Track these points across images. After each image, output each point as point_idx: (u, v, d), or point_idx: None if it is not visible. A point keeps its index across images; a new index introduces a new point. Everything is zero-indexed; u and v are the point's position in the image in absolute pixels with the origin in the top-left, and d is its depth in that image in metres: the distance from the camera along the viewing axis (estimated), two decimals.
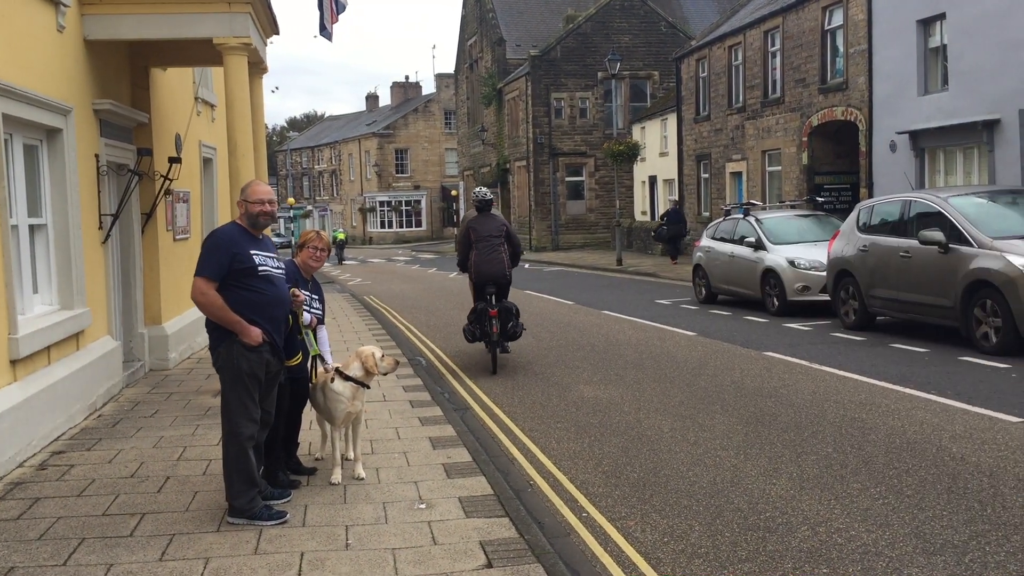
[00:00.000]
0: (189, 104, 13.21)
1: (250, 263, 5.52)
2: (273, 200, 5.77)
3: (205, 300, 5.45)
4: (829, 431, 7.54)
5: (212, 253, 5.51)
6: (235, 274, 5.48)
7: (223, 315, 5.45)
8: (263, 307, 5.56)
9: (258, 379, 5.54)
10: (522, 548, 5.02)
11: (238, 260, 5.48)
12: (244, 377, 5.47)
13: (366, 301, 21.59)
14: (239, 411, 5.49)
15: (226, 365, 5.51)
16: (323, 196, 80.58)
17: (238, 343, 5.46)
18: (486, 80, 50.32)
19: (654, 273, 26.11)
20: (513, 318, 11.22)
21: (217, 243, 5.56)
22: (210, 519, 5.59)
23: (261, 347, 5.52)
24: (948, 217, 11.58)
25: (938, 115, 19.07)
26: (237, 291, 5.48)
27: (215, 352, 5.60)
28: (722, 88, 29.51)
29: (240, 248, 5.52)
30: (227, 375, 5.52)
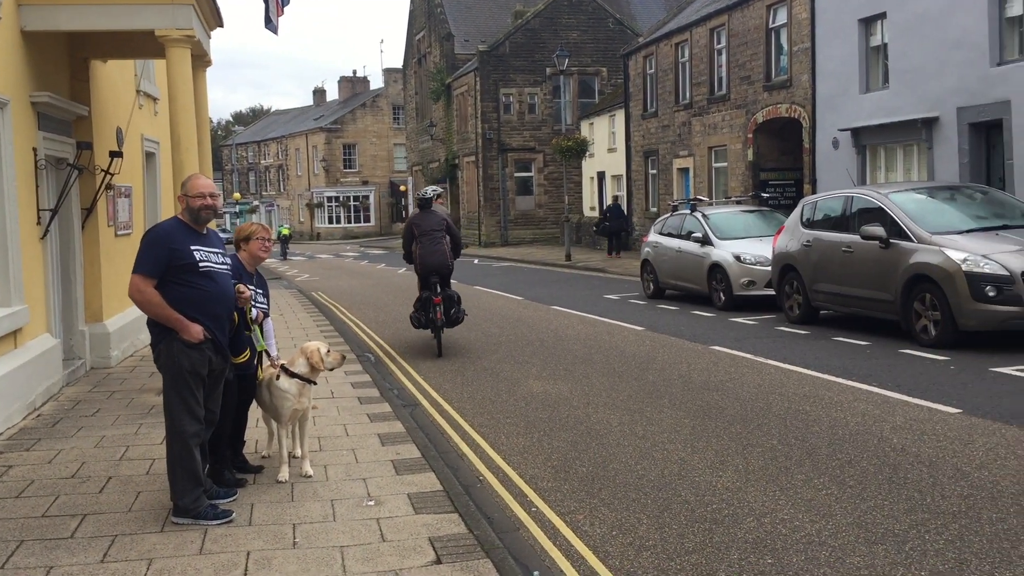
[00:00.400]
0: (131, 97, 12.95)
1: (190, 259, 5.41)
2: (215, 194, 5.67)
3: (142, 298, 5.36)
4: (774, 423, 7.65)
5: (149, 249, 5.40)
6: (174, 270, 5.37)
7: (161, 312, 5.35)
8: (204, 304, 5.46)
9: (200, 377, 5.45)
10: (471, 544, 5.01)
11: (177, 256, 5.38)
12: (186, 375, 5.38)
13: (314, 297, 21.39)
14: (182, 409, 5.40)
15: (167, 363, 5.42)
16: (269, 191, 79.64)
17: (179, 340, 5.37)
18: (435, 75, 50.15)
19: (603, 268, 26.26)
20: (456, 305, 12.20)
21: (155, 239, 5.44)
22: (154, 519, 5.50)
23: (203, 344, 5.42)
24: (888, 213, 11.82)
25: (879, 113, 19.46)
26: (177, 287, 5.37)
27: (156, 350, 5.50)
28: (669, 85, 29.76)
29: (179, 244, 5.41)
30: (169, 373, 5.43)
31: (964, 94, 17.12)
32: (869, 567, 4.65)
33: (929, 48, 17.91)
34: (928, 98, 17.99)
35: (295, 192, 74.70)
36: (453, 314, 12.11)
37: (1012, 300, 10.21)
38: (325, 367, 6.41)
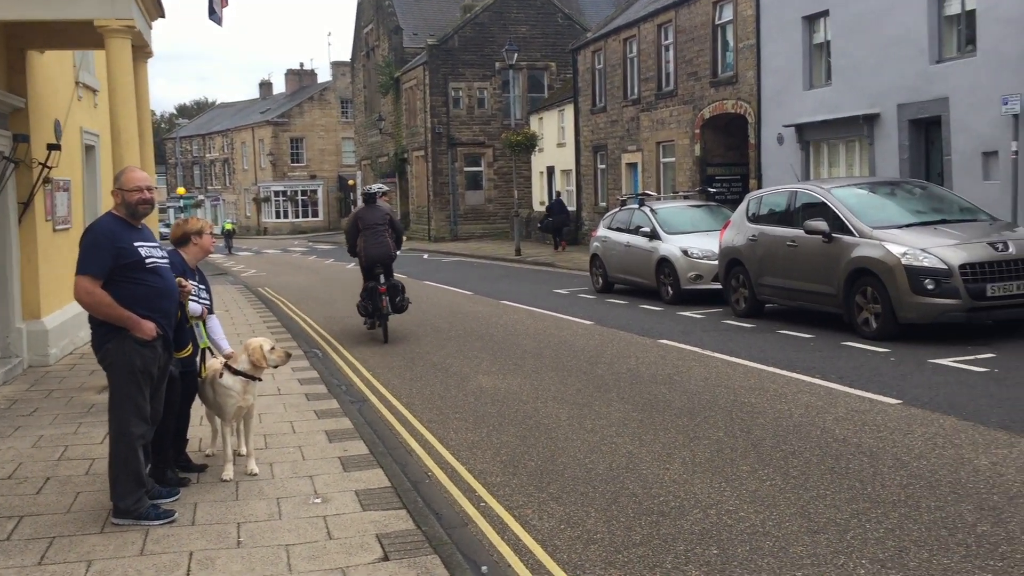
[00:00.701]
0: (70, 89, 12.66)
1: (136, 256, 5.31)
2: (152, 187, 5.55)
3: (91, 299, 5.21)
4: (720, 416, 7.74)
5: (94, 250, 5.25)
6: (121, 269, 5.25)
7: (112, 312, 5.22)
8: (153, 300, 5.37)
9: (151, 375, 5.37)
10: (419, 540, 4.99)
11: (123, 255, 5.26)
12: (137, 374, 5.28)
13: (261, 293, 21.14)
14: (131, 410, 5.29)
15: (117, 362, 5.29)
16: (215, 185, 78.49)
17: (131, 338, 5.26)
18: (383, 69, 49.83)
19: (552, 263, 26.34)
20: (400, 293, 13.01)
21: (97, 239, 5.29)
22: (93, 520, 5.38)
23: (155, 341, 5.34)
24: (831, 208, 12.01)
25: (822, 109, 19.78)
26: (125, 286, 5.26)
27: (102, 349, 5.36)
28: (617, 80, 29.92)
29: (123, 241, 5.29)
30: (119, 372, 5.30)
31: (904, 91, 17.47)
32: (812, 556, 4.73)
33: (870, 46, 18.24)
34: (869, 95, 18.32)
35: (241, 186, 73.71)
36: (399, 302, 12.91)
37: (950, 293, 10.45)
38: (268, 364, 6.33)
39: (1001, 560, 4.56)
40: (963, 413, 7.40)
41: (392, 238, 12.79)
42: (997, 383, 8.45)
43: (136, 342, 5.26)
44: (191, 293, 6.00)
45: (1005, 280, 10.51)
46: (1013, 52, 15.13)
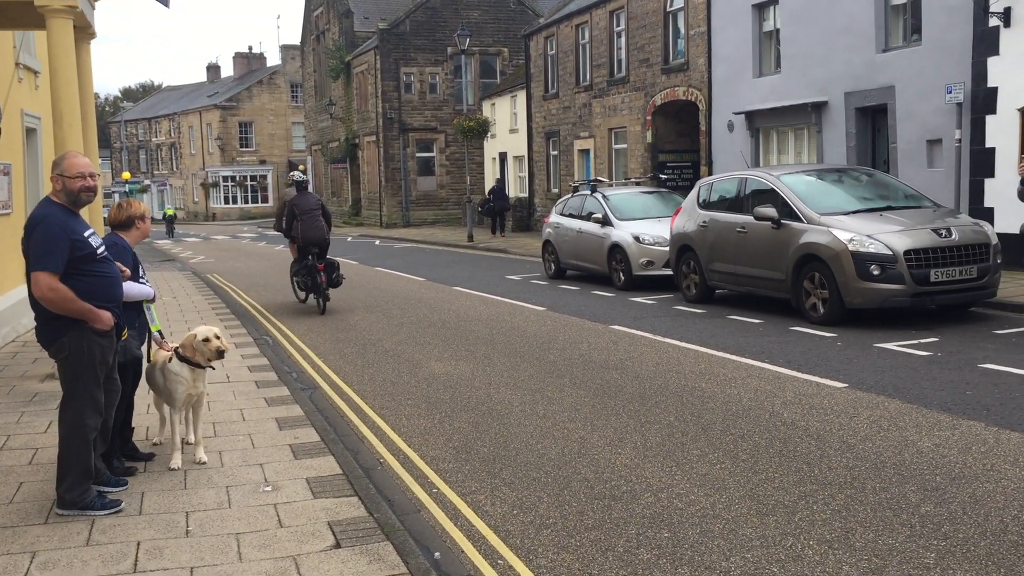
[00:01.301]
0: (9, 70, 12.31)
1: (89, 247, 5.20)
2: (94, 173, 5.41)
3: (56, 296, 5.05)
4: (671, 400, 7.81)
5: (51, 243, 5.06)
6: (75, 261, 5.12)
7: (75, 306, 5.09)
8: (108, 289, 5.30)
9: (106, 365, 5.31)
10: (371, 527, 4.97)
11: (78, 247, 5.14)
12: (96, 365, 5.20)
13: (209, 279, 20.85)
14: (87, 403, 5.19)
15: (75, 354, 5.17)
16: (161, 170, 77.13)
17: (88, 330, 5.15)
18: (333, 53, 49.27)
19: (504, 249, 26.34)
20: (336, 270, 14.43)
21: (52, 232, 5.09)
22: (37, 511, 5.27)
23: (111, 330, 5.29)
24: (780, 194, 12.15)
25: (771, 96, 19.99)
26: (82, 278, 5.13)
27: (57, 343, 5.21)
28: (570, 66, 29.95)
29: (76, 233, 5.17)
30: (78, 365, 5.17)
31: (851, 79, 17.72)
32: (760, 538, 4.79)
33: (818, 34, 18.47)
34: (817, 83, 18.56)
35: (189, 171, 72.53)
36: (335, 278, 14.38)
37: (894, 278, 10.65)
38: (198, 355, 6.14)
39: (944, 540, 4.67)
40: (907, 396, 7.55)
41: (326, 221, 14.31)
42: (940, 367, 8.64)
43: (96, 333, 5.18)
44: (128, 277, 5.83)
45: (948, 266, 10.74)
46: (957, 41, 15.43)
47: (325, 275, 14.11)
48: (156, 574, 4.40)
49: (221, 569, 4.44)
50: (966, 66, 15.22)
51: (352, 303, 15.51)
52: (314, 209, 14.25)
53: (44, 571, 4.44)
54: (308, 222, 14.09)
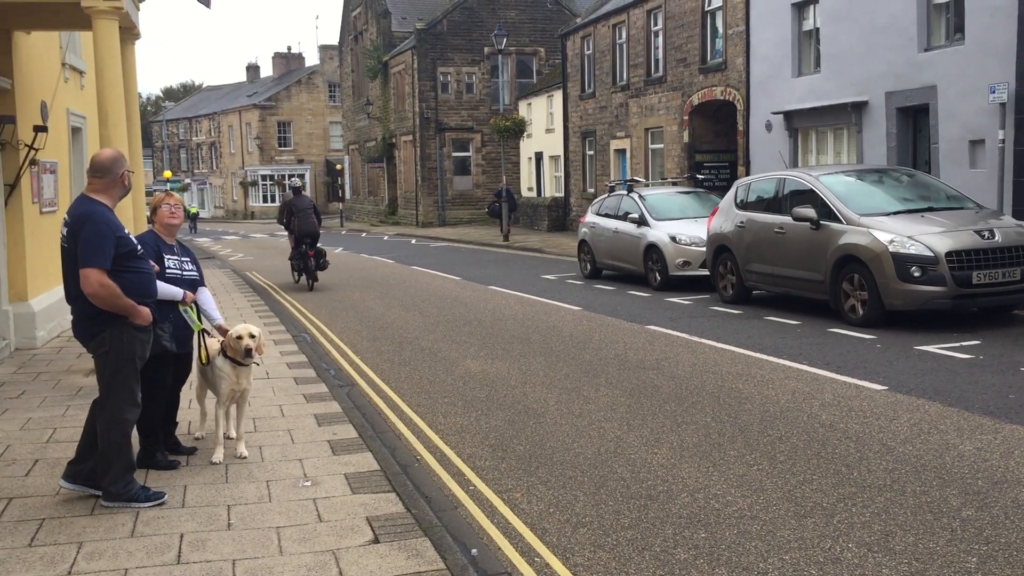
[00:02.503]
0: (56, 70, 12.55)
1: (132, 244, 5.34)
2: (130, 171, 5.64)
3: (107, 292, 5.16)
4: (707, 401, 7.78)
5: (100, 240, 5.16)
6: (119, 258, 5.24)
7: (120, 303, 5.21)
8: (146, 286, 5.43)
9: (144, 360, 5.42)
10: (409, 523, 5.01)
11: (123, 243, 5.27)
12: (136, 360, 5.33)
13: (248, 277, 21.08)
14: (125, 397, 5.30)
15: (116, 349, 5.27)
16: (202, 169, 78.04)
17: (128, 325, 5.26)
18: (371, 53, 49.54)
19: (540, 248, 26.35)
20: (323, 256, 18.06)
21: (101, 229, 5.21)
22: (83, 503, 5.38)
23: (150, 326, 5.41)
24: (819, 195, 12.05)
25: (810, 96, 19.81)
26: (123, 275, 5.25)
27: (97, 338, 5.31)
28: (606, 66, 29.88)
29: (120, 230, 5.31)
30: (116, 360, 5.28)
31: (892, 79, 17.51)
32: (798, 540, 4.77)
33: (859, 33, 18.27)
34: (858, 82, 18.36)
35: (228, 170, 73.33)
36: (322, 262, 17.95)
37: (936, 280, 10.52)
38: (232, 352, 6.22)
39: (985, 544, 4.62)
40: (948, 399, 7.47)
41: (316, 218, 18.17)
42: (982, 369, 8.53)
43: (135, 328, 5.29)
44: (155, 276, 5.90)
45: (991, 268, 10.58)
46: (1001, 40, 15.19)
47: (314, 260, 17.76)
48: (199, 566, 4.48)
49: (262, 562, 4.51)
50: (1010, 66, 14.97)
51: (389, 301, 15.61)
52: (308, 209, 18.15)
53: (90, 561, 4.54)
54: (303, 219, 17.90)
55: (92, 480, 5.48)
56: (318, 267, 17.91)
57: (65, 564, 4.50)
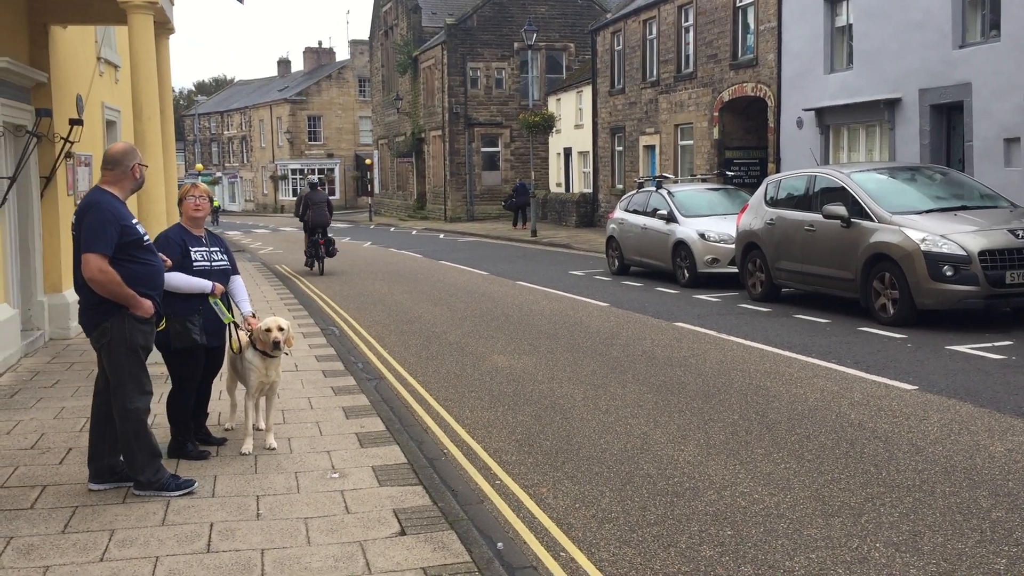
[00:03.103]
0: (91, 64, 12.71)
1: (137, 234, 5.33)
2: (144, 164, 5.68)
3: (105, 278, 5.18)
4: (735, 399, 7.76)
5: (102, 226, 5.19)
6: (123, 247, 5.24)
7: (119, 291, 5.21)
8: (151, 278, 5.42)
9: (149, 350, 5.44)
10: (436, 515, 5.05)
11: (127, 232, 5.27)
12: (139, 351, 5.34)
13: (278, 270, 21.25)
14: (134, 387, 5.33)
15: (118, 340, 5.29)
16: (233, 163, 78.65)
17: (130, 316, 5.27)
18: (401, 48, 49.68)
19: (568, 244, 26.33)
20: (332, 245, 20.37)
21: (105, 216, 5.22)
22: (115, 491, 5.46)
23: (152, 318, 5.40)
24: (851, 192, 11.95)
25: (843, 93, 19.63)
26: (127, 264, 5.25)
27: (98, 328, 5.33)
28: (636, 62, 29.77)
29: (126, 219, 5.31)
30: (119, 350, 5.30)
31: (926, 76, 17.32)
32: (825, 539, 4.75)
33: (892, 29, 18.08)
34: (891, 79, 18.17)
35: (259, 164, 73.85)
36: (331, 249, 20.29)
37: (968, 280, 10.40)
38: (260, 344, 6.27)
39: (1016, 546, 4.58)
40: (979, 400, 7.39)
41: (328, 212, 20.42)
42: (1014, 370, 8.43)
43: (136, 319, 5.29)
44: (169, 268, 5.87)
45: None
46: None
47: (324, 248, 20.12)
48: (228, 555, 4.54)
49: (290, 552, 4.56)
50: None
51: (417, 296, 15.68)
52: (322, 203, 20.40)
53: (122, 549, 4.61)
54: (317, 211, 20.23)
55: (116, 474, 5.54)
56: (328, 254, 20.23)
57: (97, 551, 4.58)
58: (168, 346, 6.06)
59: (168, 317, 5.95)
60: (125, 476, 5.54)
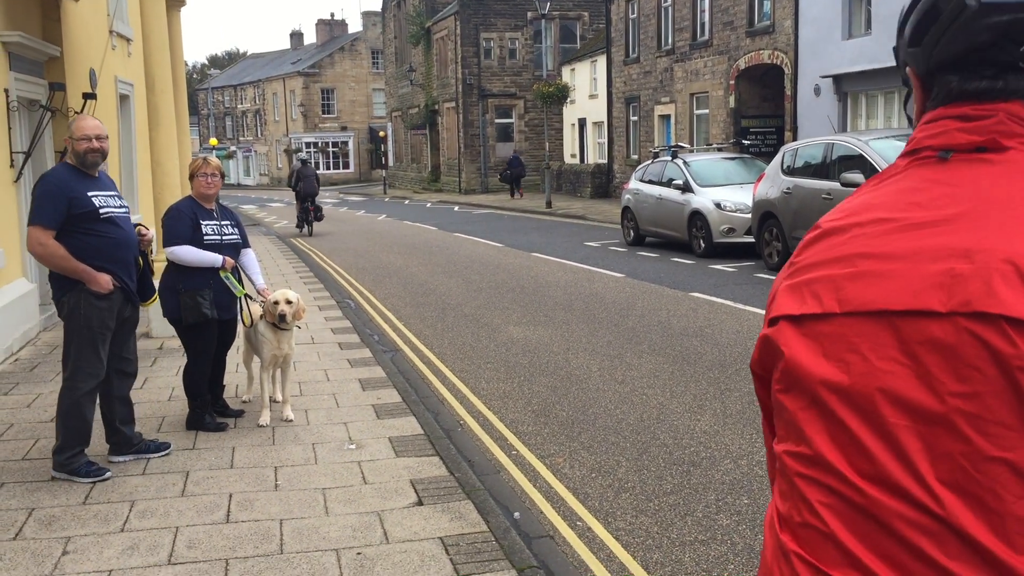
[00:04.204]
0: (104, 38, 12.67)
1: (90, 206, 5.10)
2: (102, 135, 5.25)
3: (44, 251, 5.02)
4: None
5: (46, 199, 5.02)
6: (74, 219, 5.05)
7: (66, 264, 5.04)
8: (110, 251, 5.18)
9: (108, 329, 5.20)
10: (452, 486, 5.06)
11: (76, 204, 5.05)
12: (93, 329, 5.13)
13: (293, 244, 21.29)
14: (80, 365, 5.15)
15: (73, 316, 5.12)
16: (247, 137, 78.68)
17: (86, 292, 5.08)
18: (414, 19, 49.39)
19: (583, 215, 26.25)
20: (319, 211, 24.23)
21: (49, 188, 5.06)
22: (135, 462, 5.51)
23: (112, 294, 5.17)
24: (869, 160, 11.84)
25: (861, 59, 19.39)
26: (80, 237, 5.06)
27: (59, 303, 5.18)
28: (651, 30, 29.49)
29: (77, 192, 5.08)
30: (73, 326, 5.13)
31: None
32: None
33: None
34: None
35: (272, 138, 73.85)
36: (319, 215, 24.11)
37: None
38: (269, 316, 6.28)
39: None
40: None
41: (316, 183, 23.75)
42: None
43: (93, 296, 5.10)
44: (150, 241, 5.75)
45: None
46: None
47: (313, 213, 23.80)
48: (247, 525, 4.57)
49: (309, 522, 4.59)
50: None
51: (432, 268, 15.69)
52: (310, 176, 23.73)
53: (142, 519, 4.65)
54: (307, 183, 23.55)
55: (135, 445, 5.52)
56: (316, 218, 24.10)
57: (118, 522, 4.62)
58: (180, 320, 6.07)
59: (179, 291, 5.96)
60: (145, 448, 5.57)
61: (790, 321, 1.20)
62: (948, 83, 1.21)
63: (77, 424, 5.20)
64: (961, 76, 1.19)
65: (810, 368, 1.16)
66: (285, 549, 4.27)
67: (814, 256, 1.22)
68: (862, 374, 1.11)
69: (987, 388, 1.04)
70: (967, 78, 1.19)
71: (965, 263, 1.07)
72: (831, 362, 1.14)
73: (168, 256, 6.12)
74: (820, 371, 1.15)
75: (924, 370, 1.07)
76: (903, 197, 1.19)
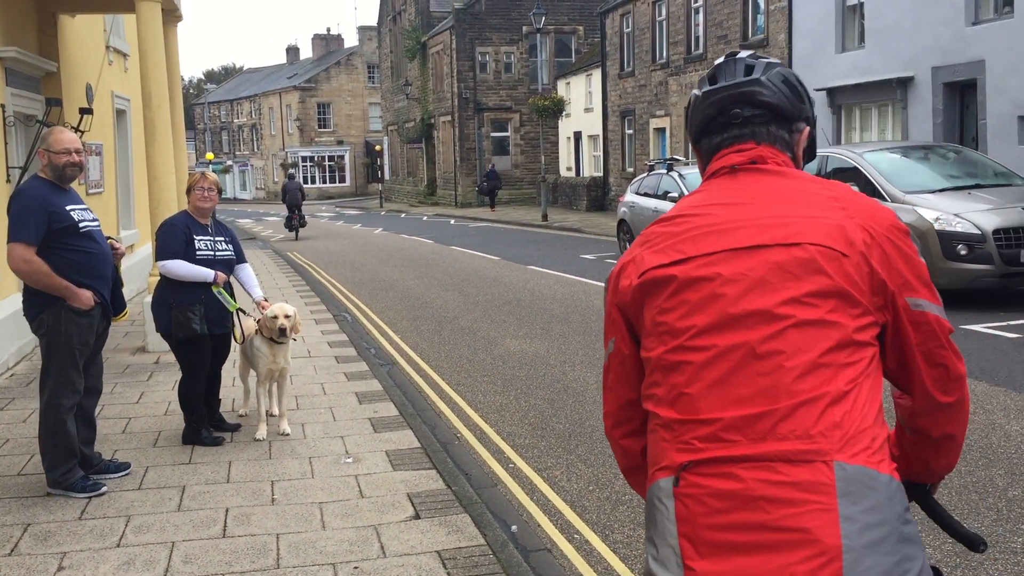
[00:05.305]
0: (100, 53, 12.72)
1: (70, 220, 5.02)
2: (80, 149, 5.18)
3: (30, 268, 4.92)
4: None
5: (26, 215, 4.91)
6: (55, 234, 4.96)
7: (50, 281, 4.95)
8: (91, 267, 5.11)
9: (88, 345, 5.16)
10: (449, 499, 5.06)
11: (56, 219, 4.96)
12: (73, 347, 5.07)
13: (290, 257, 21.28)
14: (62, 382, 5.09)
15: (52, 332, 5.04)
16: (243, 151, 78.74)
17: (67, 309, 5.01)
18: (409, 33, 49.57)
19: (579, 228, 26.28)
20: (303, 218, 27.96)
21: (28, 203, 4.95)
22: (131, 477, 5.49)
23: (92, 310, 5.11)
24: (863, 172, 11.87)
25: (854, 72, 19.48)
26: (60, 253, 4.98)
27: (36, 319, 5.09)
28: (646, 44, 29.61)
29: (55, 205, 4.99)
30: (52, 343, 5.06)
31: (939, 53, 17.16)
32: None
33: (905, 7, 17.91)
34: (903, 57, 18.02)
35: (269, 152, 73.91)
36: (303, 221, 27.92)
37: (983, 258, 10.33)
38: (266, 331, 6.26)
39: None
40: (995, 379, 7.35)
41: (300, 195, 27.78)
42: None
43: (74, 312, 5.04)
44: (123, 255, 5.63)
45: None
46: None
47: (298, 220, 27.70)
48: (244, 540, 4.56)
49: (305, 536, 4.58)
50: None
51: (428, 281, 15.69)
52: (295, 189, 27.71)
53: (138, 534, 4.64)
54: (292, 195, 27.60)
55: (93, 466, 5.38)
56: (300, 224, 27.85)
57: (114, 537, 4.61)
58: (172, 335, 6.06)
59: (171, 306, 5.95)
60: (104, 468, 5.44)
61: (657, 270, 1.80)
62: (710, 141, 1.97)
63: (64, 440, 5.14)
64: (711, 136, 1.96)
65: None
66: (282, 564, 4.26)
67: (661, 231, 1.88)
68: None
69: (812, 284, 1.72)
70: (715, 135, 1.95)
71: (771, 220, 1.75)
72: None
73: (160, 270, 6.11)
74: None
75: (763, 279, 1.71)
76: (714, 195, 1.88)
